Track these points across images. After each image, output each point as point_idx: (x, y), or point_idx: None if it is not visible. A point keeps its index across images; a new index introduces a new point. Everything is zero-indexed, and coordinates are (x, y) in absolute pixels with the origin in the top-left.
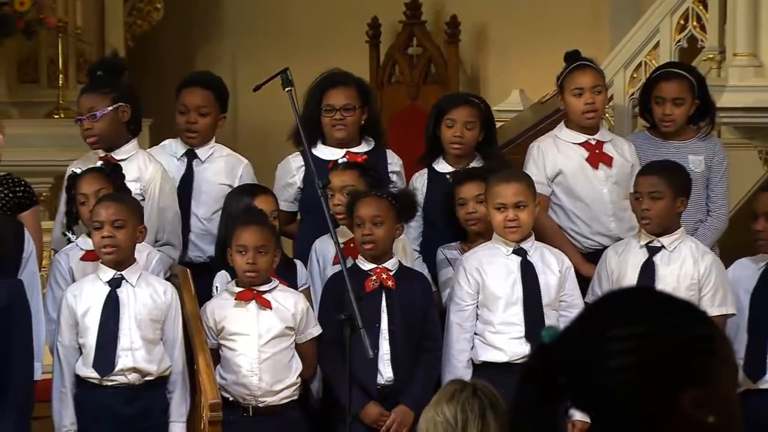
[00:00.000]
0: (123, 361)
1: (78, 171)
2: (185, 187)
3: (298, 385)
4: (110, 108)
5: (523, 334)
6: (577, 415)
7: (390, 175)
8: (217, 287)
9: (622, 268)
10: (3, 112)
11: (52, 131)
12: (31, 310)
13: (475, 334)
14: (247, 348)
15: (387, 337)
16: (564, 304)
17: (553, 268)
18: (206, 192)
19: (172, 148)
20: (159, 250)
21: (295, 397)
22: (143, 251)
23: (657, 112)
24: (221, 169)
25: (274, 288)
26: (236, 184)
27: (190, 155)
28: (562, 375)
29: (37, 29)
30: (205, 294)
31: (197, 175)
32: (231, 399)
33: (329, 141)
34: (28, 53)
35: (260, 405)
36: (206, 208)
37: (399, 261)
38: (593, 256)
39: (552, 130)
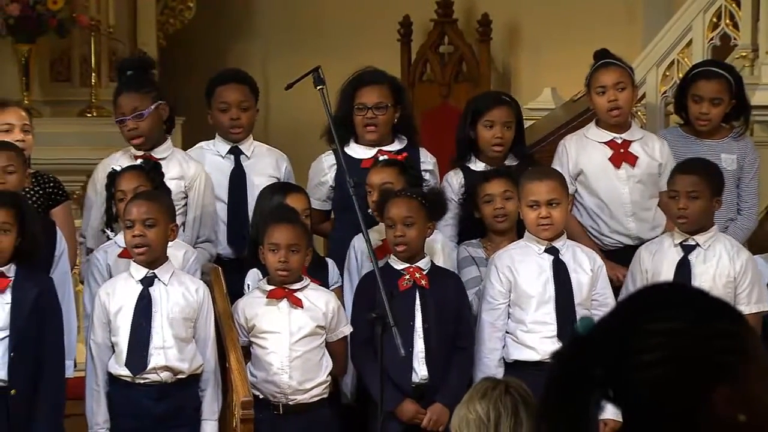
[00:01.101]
0: (155, 359)
1: (118, 168)
2: (238, 183)
3: (328, 383)
4: (153, 107)
5: (555, 333)
6: (608, 414)
7: (423, 173)
8: (248, 285)
9: (657, 266)
10: (36, 111)
11: (85, 130)
12: (63, 308)
13: (507, 332)
14: (278, 346)
15: (421, 336)
16: (596, 303)
17: (585, 266)
18: (259, 186)
19: (215, 147)
20: (200, 247)
21: (325, 396)
22: (181, 249)
23: (693, 110)
24: (268, 163)
25: (306, 286)
26: (283, 178)
27: (236, 152)
28: (596, 367)
29: (70, 28)
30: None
31: (247, 170)
32: (261, 397)
33: (362, 139)
34: (61, 52)
35: (290, 403)
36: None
37: (431, 260)
38: (613, 254)
39: (581, 128)
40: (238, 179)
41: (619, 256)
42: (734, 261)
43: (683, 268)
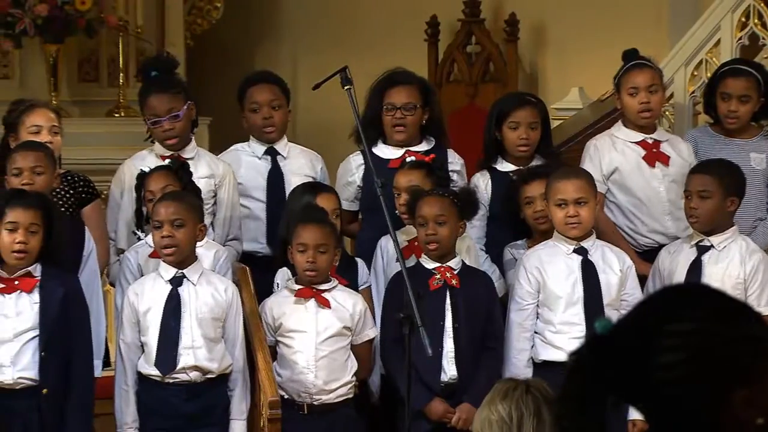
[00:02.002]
0: (184, 359)
1: (146, 170)
2: (276, 183)
3: (354, 383)
4: (185, 107)
5: (583, 333)
6: (636, 414)
7: (451, 174)
8: (278, 284)
9: (673, 267)
10: (64, 111)
11: (113, 130)
12: (92, 307)
13: (536, 333)
14: (305, 345)
15: (451, 335)
16: (625, 303)
17: (614, 267)
18: (296, 184)
19: (250, 149)
20: (229, 245)
21: (350, 396)
22: (211, 249)
23: (722, 108)
24: (304, 163)
25: (334, 287)
26: (319, 177)
27: (272, 152)
28: (610, 368)
29: (98, 28)
30: None
31: (285, 170)
32: (286, 396)
33: (390, 140)
34: (89, 52)
35: (315, 402)
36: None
37: (462, 260)
38: (649, 254)
39: (609, 129)
40: (276, 179)
41: (655, 255)
42: (745, 262)
43: (695, 268)
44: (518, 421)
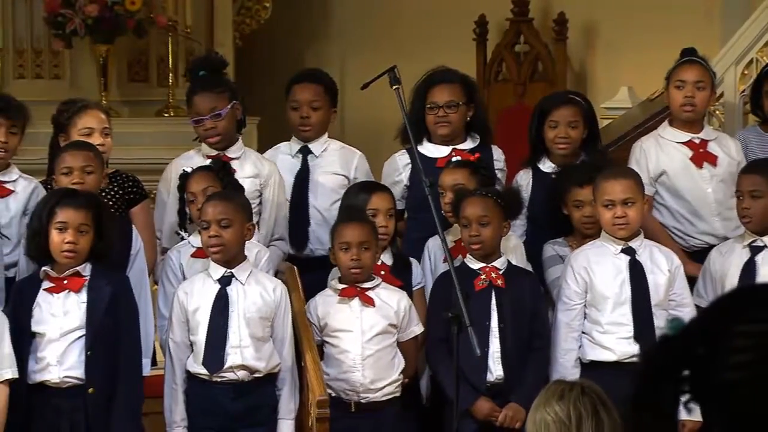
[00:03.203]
0: (232, 358)
1: (189, 170)
2: (302, 181)
3: (401, 381)
4: (229, 106)
5: (631, 334)
6: (687, 415)
7: (496, 172)
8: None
9: (725, 268)
10: (113, 111)
11: (162, 129)
12: (140, 307)
13: (583, 333)
14: (351, 344)
15: (497, 335)
16: (673, 303)
17: (662, 267)
18: (323, 184)
19: (287, 148)
20: (274, 245)
21: (398, 394)
22: (253, 249)
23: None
24: (335, 161)
25: (377, 285)
26: (351, 176)
27: (305, 151)
28: (685, 367)
29: (148, 28)
30: (323, 287)
31: (312, 168)
32: (334, 395)
33: (434, 137)
34: (139, 52)
35: (362, 401)
36: (324, 199)
37: (507, 259)
38: (698, 255)
39: (655, 130)
40: (301, 178)
41: (703, 257)
42: None
43: (749, 269)
44: (577, 421)
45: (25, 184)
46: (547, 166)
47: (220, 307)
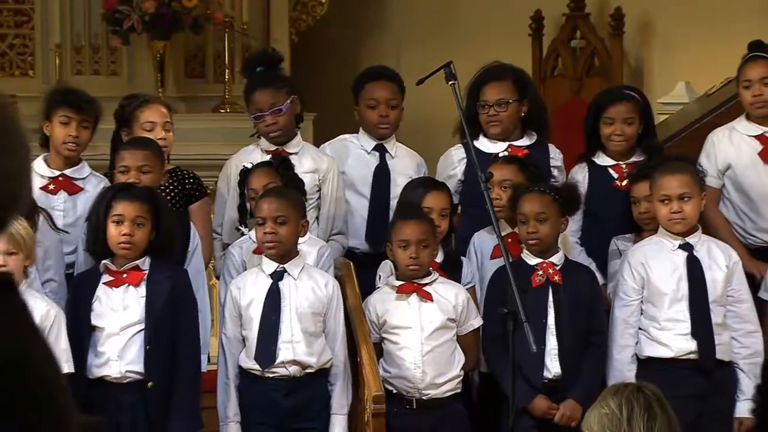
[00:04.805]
0: (284, 353)
1: (249, 166)
2: (382, 179)
3: (461, 377)
4: (289, 101)
5: (689, 331)
6: (742, 412)
7: (551, 170)
8: (380, 276)
9: None
10: (171, 108)
11: (219, 126)
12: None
13: (640, 329)
14: (410, 341)
15: (554, 332)
16: (731, 299)
17: (720, 263)
18: (401, 185)
19: (359, 141)
20: (333, 240)
21: (458, 390)
22: (315, 246)
23: None
24: (409, 165)
25: (435, 280)
26: None
27: (381, 149)
28: None
29: (204, 25)
30: None
31: (391, 169)
32: (394, 392)
33: (488, 135)
34: (195, 48)
35: (423, 398)
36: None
37: (565, 255)
38: (758, 253)
39: (732, 122)
40: (382, 176)
41: (764, 255)
42: None
43: None
44: (628, 414)
45: (95, 182)
46: (602, 160)
47: (273, 301)
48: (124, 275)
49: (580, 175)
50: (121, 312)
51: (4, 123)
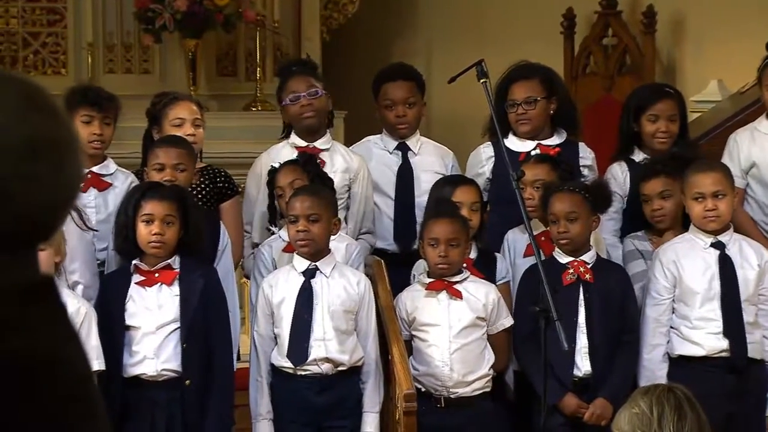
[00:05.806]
0: (316, 351)
1: (277, 165)
2: (406, 179)
3: (491, 376)
4: (324, 91)
5: (720, 329)
6: None
7: (582, 169)
8: (414, 275)
9: None
10: (202, 105)
11: (250, 124)
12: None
13: (672, 327)
14: (439, 339)
15: (585, 331)
16: (763, 297)
17: (751, 261)
18: (426, 181)
19: (381, 142)
20: (362, 238)
21: (488, 389)
22: (343, 242)
23: None
24: (434, 160)
25: (465, 278)
26: (448, 173)
27: (403, 148)
28: None
29: (236, 23)
30: None
31: (414, 167)
32: (423, 390)
33: (518, 133)
34: (227, 47)
35: (452, 396)
36: (427, 196)
37: (597, 253)
38: None
39: (752, 122)
40: (405, 175)
41: None
42: None
43: None
44: (659, 414)
45: (122, 177)
46: (639, 156)
47: (305, 299)
48: (156, 274)
49: (620, 173)
50: (156, 311)
51: (71, 134)
